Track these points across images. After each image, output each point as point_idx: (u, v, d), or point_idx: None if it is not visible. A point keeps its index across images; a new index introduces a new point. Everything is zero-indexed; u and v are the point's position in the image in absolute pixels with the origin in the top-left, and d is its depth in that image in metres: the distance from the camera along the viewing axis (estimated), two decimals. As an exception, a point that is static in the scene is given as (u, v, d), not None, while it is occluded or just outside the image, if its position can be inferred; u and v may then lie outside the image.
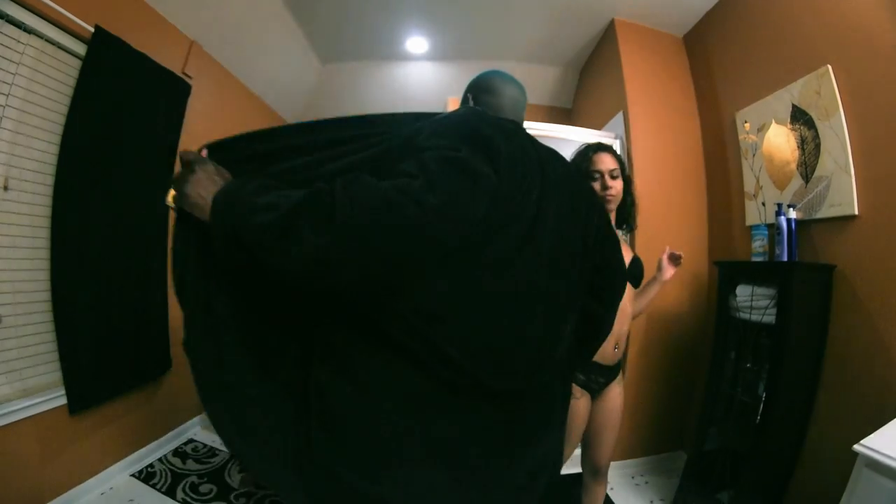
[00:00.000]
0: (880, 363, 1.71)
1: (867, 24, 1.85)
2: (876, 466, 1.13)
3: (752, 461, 1.90)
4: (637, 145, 2.78)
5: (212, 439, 2.99)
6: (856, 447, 1.17)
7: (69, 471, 2.20)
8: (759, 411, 1.88)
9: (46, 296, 2.10)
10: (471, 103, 1.17)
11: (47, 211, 2.09)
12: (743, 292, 2.09)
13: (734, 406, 2.12)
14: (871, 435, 1.20)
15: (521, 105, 1.18)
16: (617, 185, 1.70)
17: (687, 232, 2.82)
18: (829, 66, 1.99)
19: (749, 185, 2.47)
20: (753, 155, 2.43)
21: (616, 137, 2.89)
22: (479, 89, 1.18)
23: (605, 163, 1.70)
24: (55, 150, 2.10)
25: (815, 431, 1.93)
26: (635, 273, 1.75)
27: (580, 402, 1.64)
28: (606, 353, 1.64)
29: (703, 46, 2.94)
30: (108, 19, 2.24)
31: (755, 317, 2.00)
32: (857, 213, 1.85)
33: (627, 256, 1.62)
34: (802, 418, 1.94)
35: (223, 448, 2.88)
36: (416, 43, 3.60)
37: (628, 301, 1.71)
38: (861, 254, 1.84)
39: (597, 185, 1.70)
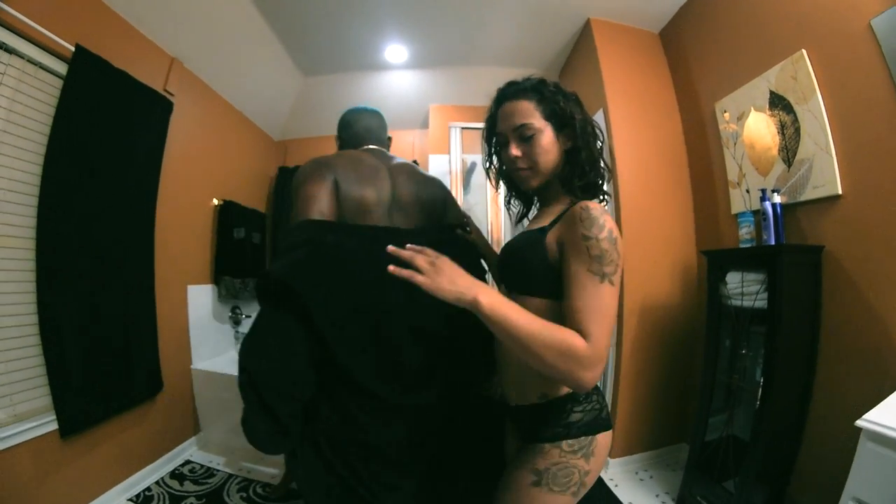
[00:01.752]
0: (875, 337, 1.73)
1: (838, 5, 1.90)
2: (879, 439, 1.14)
3: (754, 446, 1.89)
4: (618, 142, 2.81)
5: (209, 459, 2.93)
6: (858, 422, 1.18)
7: (65, 496, 2.15)
8: (759, 396, 1.88)
9: (33, 318, 2.04)
10: (337, 142, 1.56)
11: (31, 232, 2.04)
12: (733, 279, 2.10)
13: (733, 394, 2.12)
14: (873, 409, 1.21)
15: (375, 127, 1.50)
16: (528, 149, 1.07)
17: (673, 224, 2.84)
18: (804, 51, 2.03)
19: (732, 173, 2.49)
20: (735, 144, 2.46)
21: (597, 136, 2.89)
22: (340, 128, 1.53)
23: (508, 115, 1.09)
24: (38, 169, 2.07)
25: (816, 410, 1.94)
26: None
27: None
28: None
29: (679, 40, 2.99)
30: (88, 38, 2.23)
31: (747, 303, 2.01)
32: (840, 192, 1.88)
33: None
34: (803, 399, 1.95)
35: (220, 468, 2.83)
36: (396, 51, 3.61)
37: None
38: (847, 232, 1.87)
39: (505, 156, 1.13)
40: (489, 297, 0.86)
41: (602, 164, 1.11)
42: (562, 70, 3.79)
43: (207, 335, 3.31)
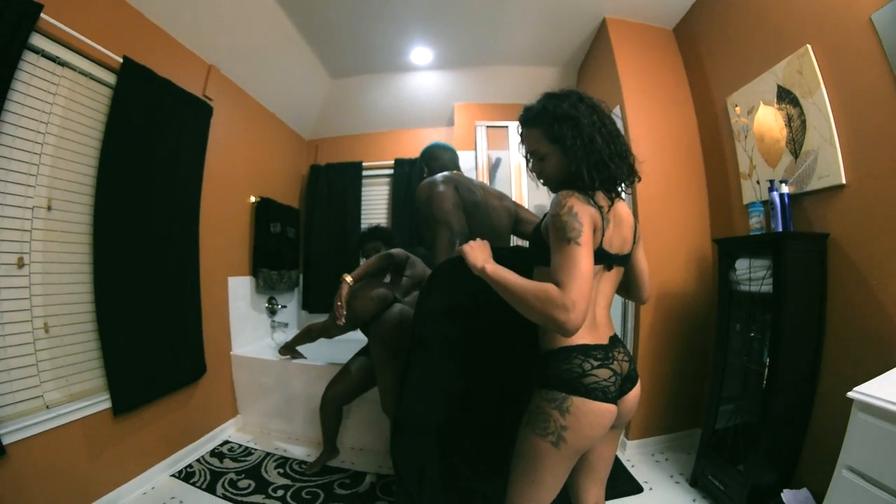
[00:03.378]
0: (877, 321, 1.78)
1: (840, 1, 1.93)
2: (869, 409, 1.20)
3: (762, 425, 1.96)
4: (635, 137, 2.85)
5: (246, 440, 3.11)
6: (850, 394, 1.25)
7: (113, 471, 2.30)
8: (765, 376, 1.94)
9: (90, 307, 2.22)
10: (426, 169, 2.10)
11: (88, 228, 2.22)
12: (741, 266, 2.16)
13: (746, 377, 2.17)
14: (865, 383, 1.27)
15: (454, 159, 2.11)
16: (542, 167, 1.29)
17: (689, 214, 2.90)
18: (809, 46, 2.07)
19: (743, 165, 2.53)
20: (745, 136, 2.50)
21: (615, 131, 2.95)
22: (429, 159, 2.12)
23: (526, 142, 1.33)
24: (92, 172, 2.24)
25: (823, 391, 1.98)
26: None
27: None
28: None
29: (692, 36, 3.02)
30: (134, 50, 2.38)
31: (754, 288, 2.06)
32: (844, 182, 1.92)
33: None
34: (810, 380, 2.00)
35: (258, 447, 3.00)
36: (421, 53, 3.73)
37: None
38: (851, 220, 1.91)
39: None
40: (492, 266, 1.17)
41: (611, 164, 1.20)
42: (580, 67, 3.85)
43: (246, 323, 3.50)
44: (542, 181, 1.33)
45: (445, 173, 1.92)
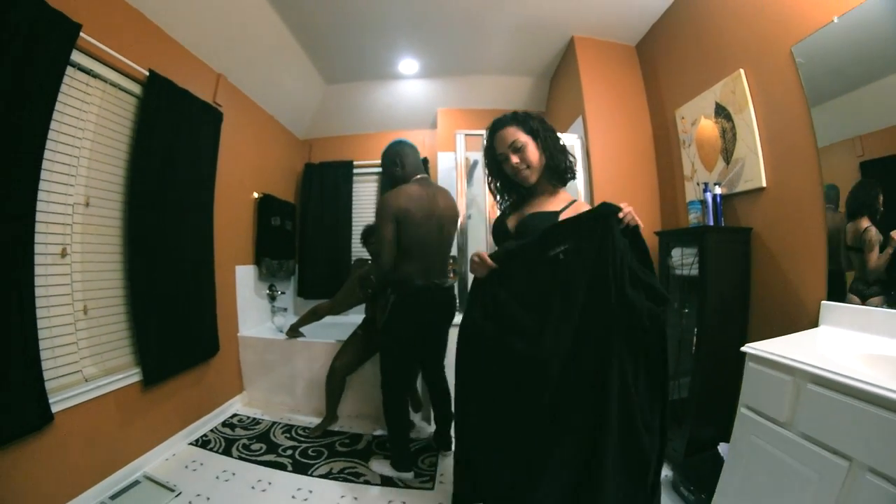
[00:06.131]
0: (789, 296, 2.11)
1: (767, 33, 2.20)
2: (755, 359, 1.52)
3: (694, 381, 2.26)
4: (594, 144, 3.19)
5: (253, 412, 3.36)
6: (743, 348, 1.57)
7: (140, 438, 2.50)
8: (694, 343, 2.27)
9: (121, 291, 2.45)
10: (400, 166, 2.40)
11: (120, 222, 2.44)
12: (675, 254, 2.49)
13: (680, 346, 2.46)
14: (757, 342, 1.58)
15: (419, 158, 2.49)
16: (523, 155, 1.56)
17: (642, 211, 3.09)
18: (742, 70, 2.36)
19: (687, 169, 2.86)
20: (689, 145, 2.82)
21: (578, 138, 3.25)
22: (400, 158, 2.42)
23: (503, 139, 1.58)
24: (122, 172, 2.44)
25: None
26: None
27: None
28: None
29: (650, 54, 3.30)
30: (154, 61, 2.56)
31: (685, 272, 2.40)
32: (764, 185, 2.25)
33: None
34: (739, 346, 2.27)
35: (265, 417, 3.26)
36: (408, 64, 3.98)
37: None
38: (770, 216, 2.24)
39: (508, 168, 1.61)
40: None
41: (566, 159, 1.64)
42: (552, 77, 4.13)
43: (250, 307, 3.75)
44: (524, 167, 1.57)
45: (412, 192, 2.28)
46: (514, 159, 1.57)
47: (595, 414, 1.29)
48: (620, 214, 1.34)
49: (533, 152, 1.56)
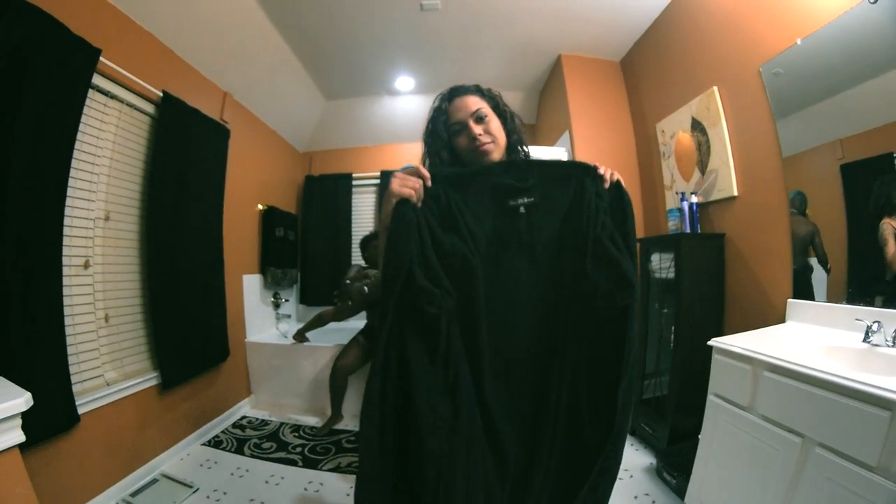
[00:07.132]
0: (758, 295, 2.28)
1: (738, 53, 2.36)
2: (720, 351, 1.70)
3: (672, 374, 2.41)
4: (580, 157, 3.33)
5: (261, 415, 3.48)
6: (710, 342, 1.73)
7: (157, 439, 2.61)
8: (672, 340, 2.43)
9: (139, 300, 2.57)
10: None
11: (137, 235, 2.56)
12: (654, 258, 2.65)
13: (660, 343, 2.63)
14: (723, 336, 1.74)
15: None
16: (487, 128, 1.24)
17: None
18: (715, 87, 2.53)
19: (667, 179, 3.04)
20: (668, 156, 3.00)
21: (566, 151, 3.39)
22: None
23: (464, 107, 1.26)
24: (139, 188, 2.57)
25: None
26: None
27: None
28: None
29: (633, 69, 3.48)
30: (166, 81, 2.67)
31: (663, 275, 2.56)
32: (736, 194, 2.43)
33: None
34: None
35: (272, 418, 3.38)
36: (404, 81, 4.14)
37: None
38: (741, 223, 2.42)
39: (463, 140, 1.26)
40: None
41: (524, 148, 1.37)
42: (542, 92, 4.32)
43: (256, 315, 3.88)
44: (489, 141, 1.22)
45: None
46: (477, 129, 1.23)
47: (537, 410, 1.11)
48: (600, 171, 1.15)
49: (498, 129, 1.27)
